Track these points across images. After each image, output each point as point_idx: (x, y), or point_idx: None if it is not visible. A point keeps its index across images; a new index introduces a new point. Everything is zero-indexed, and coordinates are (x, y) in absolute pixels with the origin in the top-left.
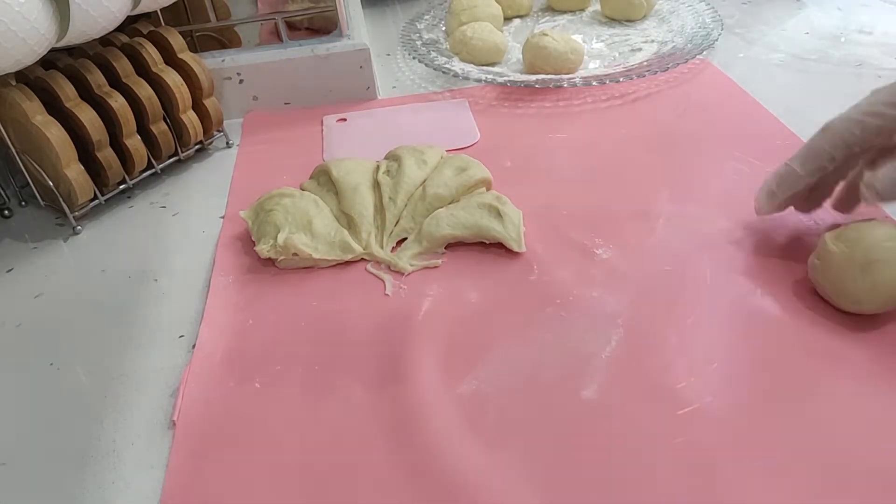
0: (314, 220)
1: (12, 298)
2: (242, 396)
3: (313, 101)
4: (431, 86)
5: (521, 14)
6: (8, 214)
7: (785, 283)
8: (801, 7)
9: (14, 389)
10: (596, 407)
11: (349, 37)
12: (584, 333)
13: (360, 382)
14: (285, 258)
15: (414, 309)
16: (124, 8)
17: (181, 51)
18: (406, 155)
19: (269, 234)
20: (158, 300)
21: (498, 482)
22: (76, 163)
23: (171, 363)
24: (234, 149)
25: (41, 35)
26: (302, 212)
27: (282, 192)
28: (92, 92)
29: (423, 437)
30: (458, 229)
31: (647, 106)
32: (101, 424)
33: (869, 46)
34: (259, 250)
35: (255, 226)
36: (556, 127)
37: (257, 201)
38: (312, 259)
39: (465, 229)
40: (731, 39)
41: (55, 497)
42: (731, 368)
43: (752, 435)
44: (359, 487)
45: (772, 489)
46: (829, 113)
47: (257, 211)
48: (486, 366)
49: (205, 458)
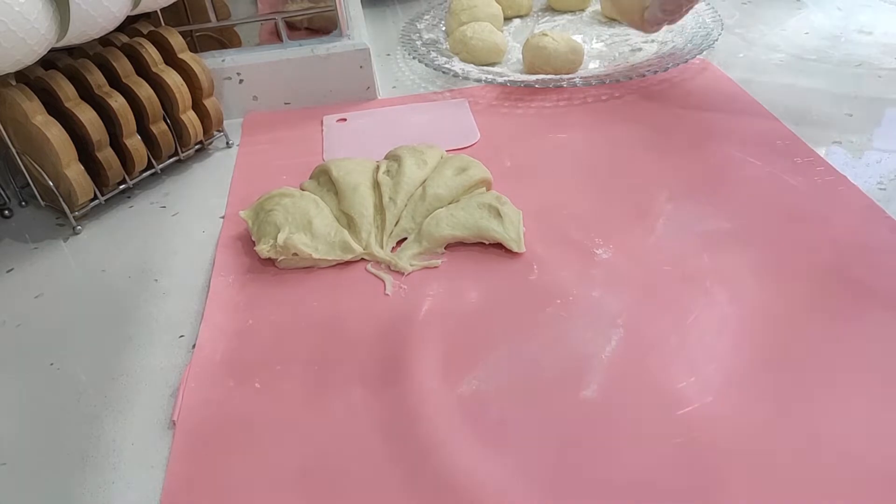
0: (314, 220)
1: (12, 298)
2: (242, 396)
3: (313, 101)
4: (431, 86)
5: (521, 14)
6: (8, 214)
7: (785, 283)
8: (801, 7)
9: (14, 389)
10: (596, 407)
11: (349, 37)
12: (584, 333)
13: (360, 382)
14: (285, 258)
15: (414, 309)
16: (124, 8)
17: (181, 51)
18: (406, 155)
19: (269, 233)
20: (158, 300)
21: (498, 482)
22: (76, 163)
23: (171, 363)
24: (234, 149)
25: (41, 35)
26: (302, 212)
27: (282, 192)
28: (92, 92)
29: (423, 437)
30: (458, 230)
31: (647, 106)
32: (101, 424)
33: (869, 46)
34: (259, 250)
35: (255, 226)
36: (556, 127)
37: (257, 201)
38: (312, 259)
39: (464, 230)
40: (731, 39)
41: (55, 497)
42: (731, 368)
43: (752, 435)
44: (358, 487)
45: (772, 489)
46: (829, 113)
47: (257, 211)
48: (486, 366)
49: (205, 458)
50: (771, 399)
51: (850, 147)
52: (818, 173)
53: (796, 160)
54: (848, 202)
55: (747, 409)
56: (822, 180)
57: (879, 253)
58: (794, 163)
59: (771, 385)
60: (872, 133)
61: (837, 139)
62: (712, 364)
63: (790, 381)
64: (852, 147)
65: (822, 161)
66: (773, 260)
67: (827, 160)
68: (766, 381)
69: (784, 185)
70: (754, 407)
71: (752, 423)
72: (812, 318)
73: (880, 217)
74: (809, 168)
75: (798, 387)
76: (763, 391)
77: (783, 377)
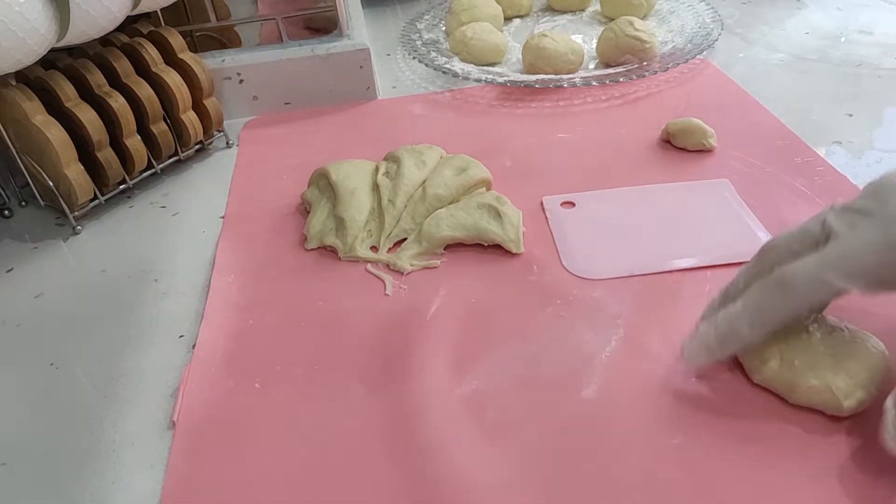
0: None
1: (12, 298)
2: (242, 396)
3: (313, 101)
4: (431, 86)
5: (521, 14)
6: (8, 214)
7: None
8: (801, 7)
9: (14, 389)
10: (596, 407)
11: (349, 37)
12: (584, 333)
13: (360, 382)
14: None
15: (414, 309)
16: (124, 8)
17: (181, 51)
18: (405, 156)
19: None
20: (158, 300)
21: (498, 482)
22: (76, 163)
23: (171, 363)
24: (234, 149)
25: (41, 35)
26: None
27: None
28: (92, 92)
29: (423, 437)
30: (458, 231)
31: (647, 106)
32: (101, 424)
33: (869, 46)
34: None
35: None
36: (556, 127)
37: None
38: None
39: (464, 231)
40: (731, 39)
41: (55, 497)
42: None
43: (752, 435)
44: (359, 487)
45: (773, 489)
46: (830, 113)
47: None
48: (486, 366)
49: (205, 458)
50: (771, 399)
51: (850, 147)
52: (818, 173)
53: (796, 160)
54: None
55: (748, 409)
56: (822, 180)
57: None
58: (794, 163)
59: None
60: (872, 133)
61: (837, 139)
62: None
63: None
64: (852, 147)
65: (822, 161)
66: None
67: (827, 160)
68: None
69: (784, 184)
70: (755, 407)
71: (752, 422)
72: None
73: None
74: (809, 168)
75: None
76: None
77: None
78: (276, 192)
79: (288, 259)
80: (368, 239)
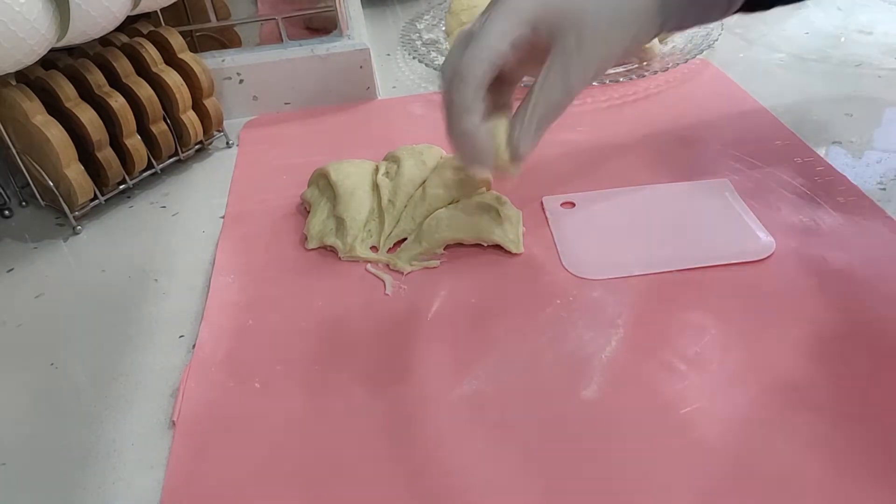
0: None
1: (12, 298)
2: (242, 396)
3: (313, 101)
4: (431, 86)
5: None
6: (8, 214)
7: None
8: (801, 7)
9: (14, 389)
10: (596, 407)
11: (349, 37)
12: (584, 333)
13: (360, 382)
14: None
15: (415, 309)
16: (124, 8)
17: (181, 51)
18: (405, 156)
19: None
20: (158, 300)
21: (498, 482)
22: (76, 163)
23: (171, 363)
24: (234, 149)
25: (41, 35)
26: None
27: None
28: (92, 92)
29: (422, 437)
30: (458, 232)
31: (647, 106)
32: (101, 424)
33: (869, 46)
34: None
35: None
36: (556, 127)
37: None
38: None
39: (464, 232)
40: (731, 39)
41: (55, 497)
42: (731, 368)
43: (752, 435)
44: (358, 487)
45: (772, 489)
46: (829, 113)
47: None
48: (486, 366)
49: (205, 458)
50: (771, 399)
51: (850, 147)
52: (818, 173)
53: (796, 160)
54: None
55: (748, 409)
56: (822, 180)
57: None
58: (794, 163)
59: (772, 384)
60: (872, 133)
61: (837, 139)
62: (712, 364)
63: (791, 381)
64: (852, 147)
65: (822, 161)
66: (771, 258)
67: (827, 160)
68: (767, 380)
69: (784, 184)
70: (755, 407)
71: (752, 422)
72: (813, 317)
73: (881, 217)
74: (809, 168)
75: (799, 386)
76: (764, 391)
77: (784, 376)
78: (276, 192)
79: (288, 259)
80: (368, 239)
